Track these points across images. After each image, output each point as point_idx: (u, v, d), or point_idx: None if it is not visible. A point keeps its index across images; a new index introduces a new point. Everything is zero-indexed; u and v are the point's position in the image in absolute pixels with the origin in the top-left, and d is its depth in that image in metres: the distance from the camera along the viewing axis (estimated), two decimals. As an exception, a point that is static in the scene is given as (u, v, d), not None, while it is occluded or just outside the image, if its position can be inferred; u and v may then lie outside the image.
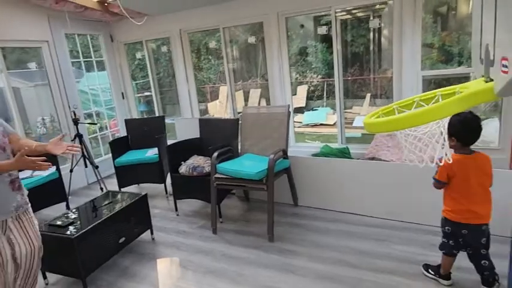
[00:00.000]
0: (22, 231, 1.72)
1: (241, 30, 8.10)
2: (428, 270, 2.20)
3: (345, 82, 8.74)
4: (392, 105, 1.57)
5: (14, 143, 1.79)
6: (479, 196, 1.91)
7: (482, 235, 1.94)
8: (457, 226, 1.96)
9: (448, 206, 2.00)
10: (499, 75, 1.07)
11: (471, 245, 1.99)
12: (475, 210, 1.89)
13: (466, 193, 1.91)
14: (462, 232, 1.96)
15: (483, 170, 1.91)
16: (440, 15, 7.49)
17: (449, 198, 1.98)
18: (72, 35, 4.83)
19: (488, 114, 6.04)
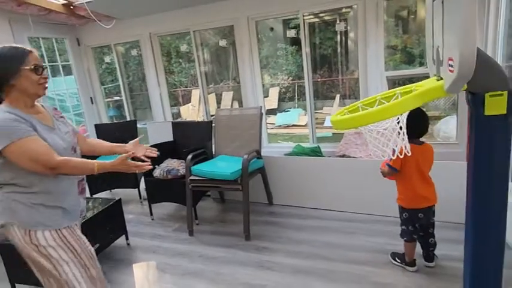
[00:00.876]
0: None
1: (212, 33, 8.12)
2: (395, 259, 2.34)
3: (315, 83, 9.01)
4: (357, 104, 1.68)
5: (81, 142, 1.78)
6: (426, 181, 2.14)
7: (432, 215, 2.20)
8: (413, 211, 2.15)
9: (402, 194, 2.19)
10: (447, 73, 1.20)
11: (425, 227, 2.20)
12: (425, 195, 2.12)
13: (416, 180, 2.11)
14: (419, 216, 2.15)
15: (427, 158, 2.14)
16: (401, 19, 7.91)
17: (403, 187, 2.17)
18: (36, 39, 4.65)
19: (449, 111, 6.45)
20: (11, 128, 1.38)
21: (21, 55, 1.45)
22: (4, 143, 1.36)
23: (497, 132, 1.33)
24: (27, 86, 1.45)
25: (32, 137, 1.41)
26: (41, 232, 1.47)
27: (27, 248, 1.48)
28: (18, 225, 1.46)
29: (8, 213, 1.47)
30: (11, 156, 1.39)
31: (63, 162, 1.44)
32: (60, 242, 1.51)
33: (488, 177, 1.39)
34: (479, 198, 1.45)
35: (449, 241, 2.42)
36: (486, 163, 1.38)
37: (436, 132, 5.55)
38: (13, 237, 1.49)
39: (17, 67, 1.42)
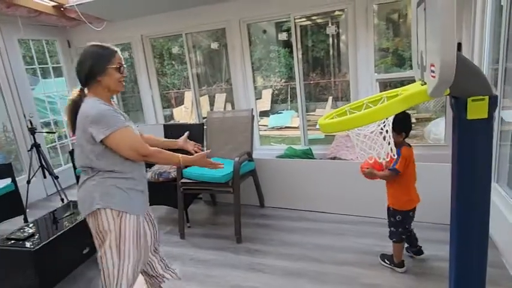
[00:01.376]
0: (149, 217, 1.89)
1: (204, 35, 8.12)
2: (384, 260, 2.37)
3: (308, 86, 9.05)
4: (344, 107, 1.70)
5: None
6: (415, 182, 2.23)
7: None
8: (407, 213, 2.20)
9: (395, 198, 2.22)
10: (429, 79, 1.23)
11: (410, 224, 2.28)
12: (415, 194, 2.22)
13: (411, 181, 2.19)
14: (410, 215, 2.22)
15: (413, 160, 2.21)
16: (392, 22, 7.99)
17: (398, 190, 2.19)
18: (25, 40, 4.62)
19: (439, 113, 6.54)
20: (112, 119, 1.56)
21: (108, 55, 1.63)
22: (107, 132, 1.53)
23: (480, 135, 1.36)
24: (110, 83, 1.63)
25: (128, 127, 1.62)
26: (129, 216, 1.64)
27: (113, 228, 1.61)
28: (112, 209, 1.61)
29: (105, 198, 1.61)
30: (112, 144, 1.56)
31: (156, 151, 1.66)
32: (137, 231, 1.67)
33: (471, 179, 1.43)
34: (463, 199, 1.48)
35: (436, 242, 2.46)
36: (469, 165, 1.41)
37: (426, 134, 5.63)
38: (102, 220, 1.61)
39: (105, 66, 1.60)
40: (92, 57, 1.61)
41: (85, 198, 1.65)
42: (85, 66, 1.60)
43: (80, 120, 1.59)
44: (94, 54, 1.62)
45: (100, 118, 1.54)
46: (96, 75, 1.60)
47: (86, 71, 1.60)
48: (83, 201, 1.67)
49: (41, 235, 2.43)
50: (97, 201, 1.60)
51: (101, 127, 1.53)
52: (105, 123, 1.54)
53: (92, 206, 1.61)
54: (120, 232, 1.62)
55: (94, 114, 1.54)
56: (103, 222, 1.62)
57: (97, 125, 1.53)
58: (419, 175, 2.29)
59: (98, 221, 1.62)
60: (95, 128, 1.53)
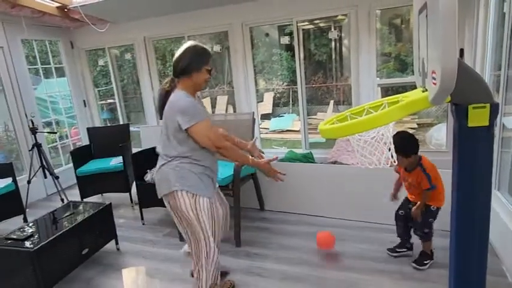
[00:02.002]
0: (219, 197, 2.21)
1: (206, 38, 8.15)
2: (423, 263, 2.34)
3: (310, 89, 9.05)
4: (345, 113, 1.70)
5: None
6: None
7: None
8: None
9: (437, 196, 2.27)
10: (430, 86, 1.23)
11: None
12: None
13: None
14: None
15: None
16: (395, 27, 8.00)
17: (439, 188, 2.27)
18: (29, 40, 4.64)
19: (441, 118, 6.54)
20: (196, 111, 1.80)
21: (208, 57, 1.89)
22: (192, 122, 1.78)
23: (480, 143, 1.36)
24: (199, 81, 1.87)
25: (209, 120, 1.84)
26: (202, 198, 1.90)
27: (188, 209, 1.88)
28: (187, 191, 1.86)
29: (182, 181, 1.86)
30: (194, 133, 1.80)
31: (228, 146, 1.91)
32: (209, 209, 1.95)
33: (471, 186, 1.42)
34: (463, 206, 1.48)
35: (437, 248, 2.44)
36: (469, 172, 1.41)
37: (428, 139, 5.61)
38: (179, 200, 1.87)
39: (202, 65, 1.85)
40: (192, 55, 1.83)
41: (162, 181, 1.90)
42: (184, 60, 1.83)
43: (168, 110, 1.84)
44: (195, 53, 1.85)
45: (187, 110, 1.78)
46: (191, 71, 1.83)
47: (184, 65, 1.83)
48: (160, 183, 1.92)
49: (41, 235, 2.43)
50: (174, 183, 1.85)
51: (187, 118, 1.77)
52: (191, 114, 1.78)
53: (170, 187, 1.86)
54: (196, 210, 1.88)
55: (182, 106, 1.79)
56: (180, 202, 1.87)
57: (183, 115, 1.77)
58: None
59: (176, 201, 1.88)
60: (181, 117, 1.77)
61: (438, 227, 2.70)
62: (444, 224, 2.55)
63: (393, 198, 2.47)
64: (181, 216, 1.93)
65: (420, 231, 2.32)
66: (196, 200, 1.88)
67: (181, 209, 1.89)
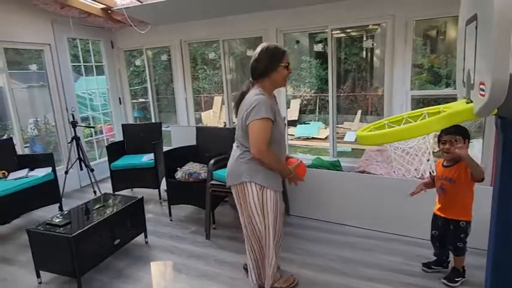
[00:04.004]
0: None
1: (238, 42, 8.29)
2: (454, 280, 2.27)
3: (337, 98, 8.98)
4: (383, 121, 1.71)
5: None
6: None
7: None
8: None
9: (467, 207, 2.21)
10: (477, 97, 1.22)
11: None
12: None
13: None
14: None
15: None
16: (430, 38, 7.83)
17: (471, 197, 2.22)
18: (73, 39, 4.91)
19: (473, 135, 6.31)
20: (265, 108, 1.83)
21: (281, 54, 1.92)
22: (252, 118, 1.83)
23: (526, 158, 1.32)
24: (278, 79, 1.94)
25: (269, 122, 1.86)
26: (269, 191, 1.98)
27: (255, 200, 1.97)
28: (256, 183, 1.95)
29: (252, 173, 1.94)
30: (250, 128, 1.85)
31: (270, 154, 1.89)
32: (275, 202, 2.01)
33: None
34: (504, 225, 1.43)
35: (469, 267, 2.37)
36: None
37: (459, 155, 5.42)
38: (247, 191, 1.97)
39: (277, 64, 1.91)
40: (267, 57, 1.89)
41: (234, 171, 2.01)
42: (261, 64, 1.90)
43: (242, 106, 1.92)
44: (269, 54, 1.90)
45: (255, 105, 1.82)
46: (269, 72, 1.90)
47: (261, 69, 1.91)
48: (231, 173, 2.03)
49: (78, 223, 2.56)
50: (245, 175, 1.95)
51: (252, 113, 1.83)
52: (256, 110, 1.82)
53: (240, 178, 1.96)
54: (262, 202, 1.97)
55: (253, 101, 1.84)
56: (248, 193, 1.97)
57: (251, 110, 1.83)
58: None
59: (244, 191, 1.98)
60: (249, 112, 1.84)
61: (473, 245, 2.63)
62: (478, 241, 2.49)
63: (413, 193, 2.41)
64: (246, 208, 2.01)
65: (453, 246, 2.25)
66: (264, 192, 1.96)
67: (248, 200, 1.98)
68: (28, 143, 5.84)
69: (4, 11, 3.84)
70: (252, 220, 2.04)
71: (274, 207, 2.02)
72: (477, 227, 2.61)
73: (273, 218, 2.02)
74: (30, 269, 2.56)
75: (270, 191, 1.98)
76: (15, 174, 3.54)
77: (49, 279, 2.56)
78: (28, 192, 3.40)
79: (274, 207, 2.03)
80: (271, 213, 2.01)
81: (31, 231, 2.46)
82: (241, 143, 2.00)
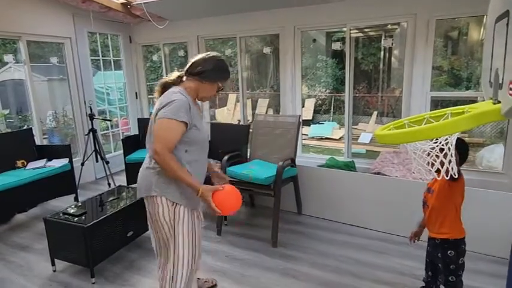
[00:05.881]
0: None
1: (255, 40, 8.28)
2: None
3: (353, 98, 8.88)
4: (403, 120, 1.66)
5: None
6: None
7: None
8: (463, 240, 1.87)
9: (455, 226, 1.86)
10: (506, 97, 1.17)
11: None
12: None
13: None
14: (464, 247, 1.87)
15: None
16: (451, 40, 7.64)
17: (458, 216, 1.87)
18: (93, 34, 4.99)
19: (494, 140, 6.13)
20: (184, 110, 1.61)
21: (226, 75, 1.81)
22: (170, 115, 1.58)
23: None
24: (205, 92, 1.77)
25: (182, 127, 1.61)
26: (182, 208, 1.70)
27: (166, 217, 1.69)
28: (167, 198, 1.67)
29: (163, 186, 1.67)
30: (159, 122, 1.60)
31: (170, 157, 1.59)
32: (189, 222, 1.73)
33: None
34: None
35: (488, 275, 2.31)
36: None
37: (478, 160, 5.28)
38: (158, 206, 1.69)
39: (217, 77, 1.76)
40: (216, 65, 1.75)
41: (143, 182, 1.73)
42: (207, 65, 1.73)
43: (160, 102, 1.67)
44: (219, 66, 1.77)
45: (169, 102, 1.61)
46: (206, 77, 1.72)
47: (204, 69, 1.72)
48: (141, 184, 1.75)
49: (92, 214, 2.60)
50: (154, 188, 1.67)
51: (164, 110, 1.60)
52: (172, 108, 1.59)
53: (150, 191, 1.69)
54: (174, 221, 1.69)
55: (172, 97, 1.63)
56: (158, 208, 1.69)
57: (166, 105, 1.61)
58: (472, 201, 2.15)
59: (154, 206, 1.69)
60: (161, 108, 1.61)
61: (491, 252, 2.56)
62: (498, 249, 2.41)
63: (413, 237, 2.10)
64: (157, 225, 1.72)
65: (443, 279, 1.87)
66: (176, 210, 1.69)
67: (158, 217, 1.69)
68: (46, 135, 5.98)
69: (27, 4, 3.93)
70: (163, 241, 1.75)
71: (188, 229, 1.72)
72: (497, 235, 2.54)
73: (186, 241, 1.72)
74: (46, 257, 2.61)
75: (184, 209, 1.70)
76: (33, 164, 3.62)
77: (63, 268, 2.60)
78: (45, 182, 3.47)
79: (189, 229, 1.73)
80: (186, 236, 1.71)
81: (48, 220, 2.51)
82: (151, 151, 1.68)
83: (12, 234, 3.21)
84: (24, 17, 3.91)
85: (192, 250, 1.76)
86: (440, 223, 1.88)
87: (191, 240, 1.74)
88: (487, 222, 2.56)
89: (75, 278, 2.50)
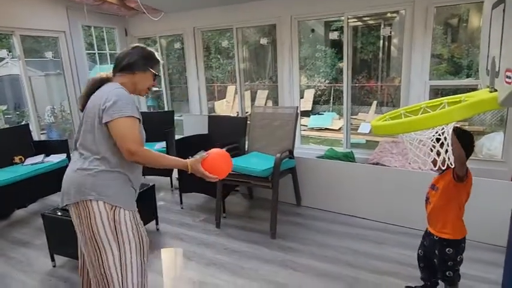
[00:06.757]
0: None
1: (252, 31, 8.19)
2: None
3: (352, 88, 8.82)
4: (399, 110, 1.64)
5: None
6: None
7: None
8: (464, 240, 1.86)
9: (456, 224, 1.84)
10: (503, 85, 1.14)
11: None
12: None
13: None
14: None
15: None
16: (451, 27, 7.55)
17: (460, 213, 1.85)
18: (88, 27, 4.93)
19: (494, 128, 6.10)
20: (127, 105, 1.48)
21: (155, 61, 1.69)
22: (116, 115, 1.44)
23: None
24: (141, 83, 1.64)
25: (138, 120, 1.51)
26: (123, 211, 1.52)
27: (106, 222, 1.48)
28: (105, 201, 1.49)
29: (101, 189, 1.49)
30: (114, 127, 1.45)
31: (146, 152, 1.48)
32: (133, 224, 1.54)
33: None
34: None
35: (487, 263, 2.31)
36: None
37: (478, 148, 5.26)
38: (93, 212, 1.48)
39: (147, 66, 1.64)
40: (141, 54, 1.63)
41: (73, 185, 1.51)
42: (132, 56, 1.61)
43: (93, 99, 1.52)
44: (144, 53, 1.65)
45: (116, 99, 1.45)
46: (135, 68, 1.60)
47: (130, 60, 1.60)
48: (69, 188, 1.52)
49: (90, 209, 2.59)
50: (89, 191, 1.48)
51: (112, 109, 1.44)
52: (119, 105, 1.45)
53: (83, 195, 1.48)
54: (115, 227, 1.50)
55: (112, 94, 1.47)
56: (94, 214, 1.48)
57: (110, 105, 1.44)
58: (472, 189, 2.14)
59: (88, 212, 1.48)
60: (107, 108, 1.45)
61: (489, 241, 2.55)
62: (497, 237, 2.41)
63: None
64: (91, 234, 1.49)
65: (441, 274, 1.88)
66: (116, 213, 1.50)
67: (93, 223, 1.48)
68: (45, 130, 5.97)
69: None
70: (102, 253, 1.49)
71: (133, 234, 1.53)
72: (495, 223, 2.53)
73: (133, 248, 1.52)
74: (46, 252, 2.62)
75: (125, 212, 1.52)
76: (31, 160, 3.62)
77: (63, 263, 2.62)
78: (44, 177, 3.47)
79: (134, 234, 1.53)
80: (132, 243, 1.52)
81: (46, 215, 2.51)
82: (89, 150, 1.51)
83: (12, 230, 3.23)
84: (17, 11, 3.86)
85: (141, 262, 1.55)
86: (442, 223, 1.85)
87: (141, 249, 1.55)
88: (486, 210, 2.55)
89: (74, 272, 2.51)
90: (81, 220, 1.51)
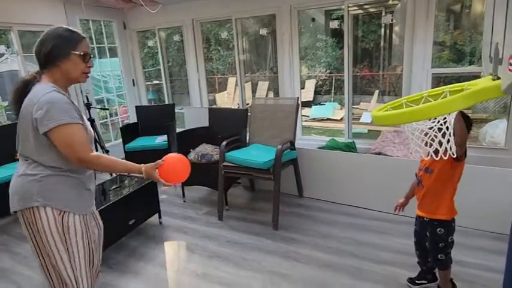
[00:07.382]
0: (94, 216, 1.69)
1: (252, 22, 8.10)
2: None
3: (354, 78, 8.73)
4: (401, 100, 1.61)
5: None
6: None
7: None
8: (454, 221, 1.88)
9: (449, 205, 1.86)
10: (506, 73, 1.12)
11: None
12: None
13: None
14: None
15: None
16: (453, 13, 7.42)
17: (452, 193, 1.86)
18: (86, 21, 4.89)
19: (498, 115, 6.04)
20: (62, 110, 1.36)
21: (75, 40, 1.45)
22: (51, 125, 1.34)
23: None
24: (71, 70, 1.45)
25: (79, 125, 1.40)
26: (72, 216, 1.46)
27: (54, 229, 1.43)
28: (52, 207, 1.43)
29: (47, 194, 1.43)
30: (55, 138, 1.36)
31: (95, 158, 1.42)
32: (82, 229, 1.49)
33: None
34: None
35: (489, 251, 2.31)
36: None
37: (481, 136, 5.23)
38: (41, 219, 1.42)
39: (68, 50, 1.43)
40: (55, 38, 1.42)
41: (19, 191, 1.44)
42: (46, 46, 1.42)
43: (26, 105, 1.40)
44: (58, 36, 1.43)
45: (49, 107, 1.34)
46: (56, 59, 1.42)
47: (45, 52, 1.42)
48: (14, 195, 1.46)
49: (93, 203, 2.60)
50: (35, 197, 1.41)
51: (47, 118, 1.33)
52: (52, 114, 1.34)
53: (29, 202, 1.42)
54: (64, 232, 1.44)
55: (43, 102, 1.34)
56: (41, 221, 1.42)
57: (43, 114, 1.33)
58: (474, 178, 2.13)
59: (35, 219, 1.42)
60: (40, 117, 1.34)
61: (492, 229, 2.55)
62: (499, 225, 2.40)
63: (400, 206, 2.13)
64: (41, 241, 1.44)
65: (432, 258, 1.91)
66: (65, 218, 1.44)
67: (41, 230, 1.42)
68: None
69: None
70: (52, 260, 1.46)
71: (83, 242, 1.48)
72: (498, 211, 2.53)
73: (82, 254, 1.48)
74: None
75: (75, 216, 1.46)
76: (33, 156, 3.62)
77: (67, 257, 2.64)
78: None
79: (84, 238, 1.48)
80: (81, 248, 1.47)
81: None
82: (29, 157, 1.44)
83: (16, 226, 3.25)
84: (14, 7, 3.82)
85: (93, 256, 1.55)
86: (436, 205, 1.87)
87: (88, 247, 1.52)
88: (489, 198, 2.55)
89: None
90: (27, 226, 1.46)
